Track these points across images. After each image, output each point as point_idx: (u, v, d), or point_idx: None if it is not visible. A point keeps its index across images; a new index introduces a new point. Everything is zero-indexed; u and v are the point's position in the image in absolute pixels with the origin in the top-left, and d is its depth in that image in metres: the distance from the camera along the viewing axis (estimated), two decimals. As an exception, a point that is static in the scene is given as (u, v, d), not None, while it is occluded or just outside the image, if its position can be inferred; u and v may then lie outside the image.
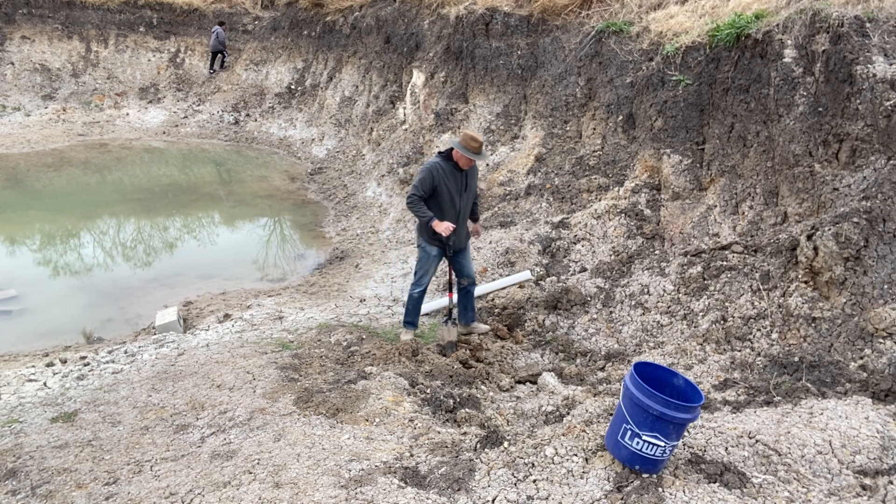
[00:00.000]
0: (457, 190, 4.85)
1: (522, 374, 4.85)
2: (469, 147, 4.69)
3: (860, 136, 4.52)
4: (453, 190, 4.83)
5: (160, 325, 5.75)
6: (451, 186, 4.81)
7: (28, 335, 5.95)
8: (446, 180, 4.79)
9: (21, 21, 15.89)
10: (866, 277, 3.96)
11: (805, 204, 4.83)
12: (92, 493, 3.08)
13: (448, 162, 4.82)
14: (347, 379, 4.31)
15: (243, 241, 9.09)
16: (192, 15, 17.36)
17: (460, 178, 4.86)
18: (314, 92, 14.52)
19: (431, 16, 10.99)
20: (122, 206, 9.94)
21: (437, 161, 4.83)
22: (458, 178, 4.85)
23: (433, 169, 4.78)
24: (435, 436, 3.50)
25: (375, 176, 10.07)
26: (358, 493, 2.81)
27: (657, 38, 6.89)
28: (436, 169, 4.78)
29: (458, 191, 4.86)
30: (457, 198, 4.86)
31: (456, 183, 4.84)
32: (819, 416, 3.08)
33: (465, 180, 4.89)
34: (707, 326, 4.65)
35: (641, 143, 6.71)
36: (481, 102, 9.05)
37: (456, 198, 4.86)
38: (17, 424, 3.86)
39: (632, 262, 5.77)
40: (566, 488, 2.70)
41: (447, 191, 4.80)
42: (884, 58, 4.64)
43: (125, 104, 15.57)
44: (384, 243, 8.05)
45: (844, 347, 3.85)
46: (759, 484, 2.66)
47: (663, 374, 2.88)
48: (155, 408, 3.98)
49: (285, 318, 5.88)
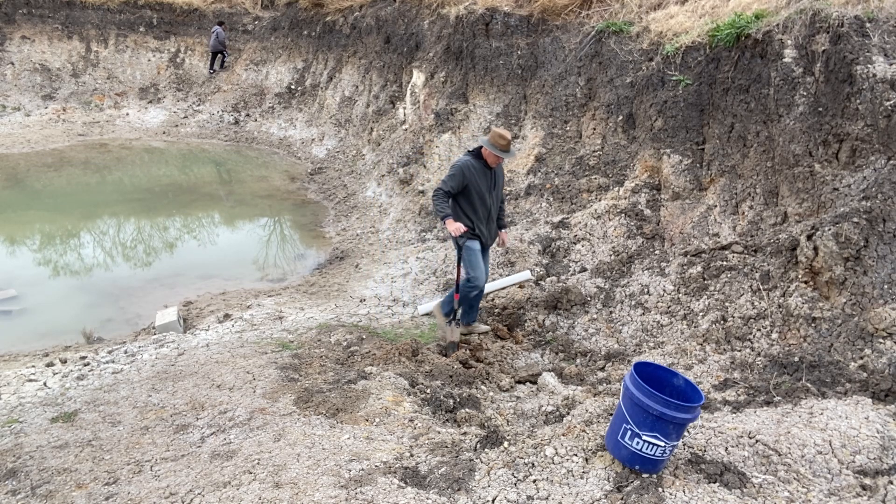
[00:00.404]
0: (487, 188, 4.93)
1: (522, 374, 4.85)
2: (497, 145, 4.76)
3: (860, 136, 4.52)
4: (483, 188, 4.90)
5: (160, 325, 5.75)
6: (481, 184, 4.88)
7: (28, 335, 5.95)
8: (476, 178, 4.86)
9: (21, 21, 15.89)
10: (866, 277, 3.96)
11: (805, 204, 4.83)
12: (92, 493, 3.08)
13: (478, 160, 4.89)
14: (347, 379, 4.32)
15: (243, 241, 9.09)
16: (192, 15, 17.36)
17: (489, 175, 4.94)
18: (314, 92, 14.52)
19: (431, 16, 10.99)
20: (122, 206, 9.94)
21: (468, 159, 4.89)
22: (487, 176, 4.93)
23: (464, 167, 4.83)
24: (435, 436, 3.50)
25: (375, 176, 10.06)
26: (358, 493, 2.81)
27: (657, 38, 6.89)
28: (466, 167, 4.83)
29: (487, 188, 4.94)
30: (487, 195, 4.94)
31: (486, 181, 4.92)
32: (819, 416, 3.08)
33: (494, 178, 4.98)
34: (707, 326, 4.65)
35: (641, 143, 6.71)
36: (481, 102, 9.05)
37: (486, 195, 4.94)
38: (17, 424, 3.86)
39: (632, 262, 5.77)
40: (566, 488, 2.70)
41: (477, 189, 4.87)
42: (884, 58, 4.64)
43: (125, 104, 15.57)
44: (384, 243, 8.05)
45: (844, 347, 3.85)
46: (759, 484, 2.66)
47: (663, 374, 2.88)
48: (155, 408, 3.98)
49: (285, 318, 5.88)
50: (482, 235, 5.04)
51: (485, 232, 5.04)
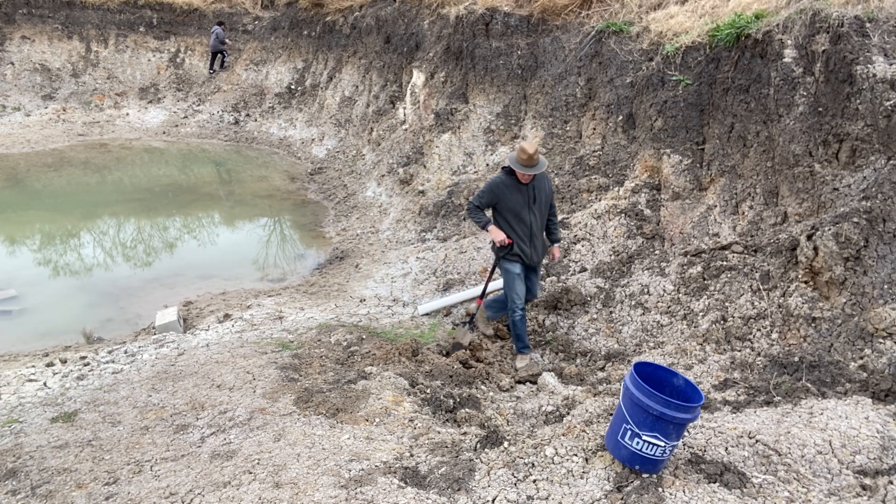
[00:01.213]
0: (523, 204, 4.70)
1: (522, 374, 4.85)
2: (519, 160, 4.54)
3: (860, 136, 4.52)
4: (518, 204, 4.69)
5: (160, 325, 5.75)
6: (515, 201, 4.68)
7: (28, 335, 5.95)
8: (509, 195, 4.68)
9: (21, 21, 15.89)
10: (866, 277, 3.96)
11: (805, 204, 4.83)
12: (92, 493, 3.08)
13: (510, 176, 4.71)
14: (347, 379, 4.32)
15: (243, 241, 9.09)
16: (192, 15, 17.36)
17: (526, 191, 4.70)
18: (314, 92, 14.52)
19: (431, 16, 10.99)
20: (122, 206, 9.94)
21: (499, 176, 4.75)
22: (523, 192, 4.70)
23: (493, 185, 4.72)
24: (435, 436, 3.50)
25: (375, 176, 10.06)
26: (358, 493, 2.81)
27: (657, 38, 6.89)
28: (496, 185, 4.70)
29: (524, 205, 4.70)
30: (524, 212, 4.71)
31: (522, 197, 4.69)
32: (819, 416, 3.08)
33: (532, 193, 4.72)
34: (707, 326, 4.65)
35: (641, 143, 6.71)
36: (481, 102, 9.05)
37: (524, 212, 4.71)
38: (17, 424, 3.86)
39: (632, 262, 5.77)
40: (566, 488, 2.70)
41: (512, 206, 4.69)
42: (884, 58, 4.64)
43: (125, 104, 15.57)
44: (384, 243, 8.05)
45: (844, 347, 3.85)
46: (759, 484, 2.66)
47: (663, 374, 2.88)
48: (155, 408, 3.98)
49: (285, 318, 5.88)
50: (523, 255, 4.79)
51: (527, 251, 4.78)
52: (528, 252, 4.78)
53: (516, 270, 4.82)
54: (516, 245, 4.77)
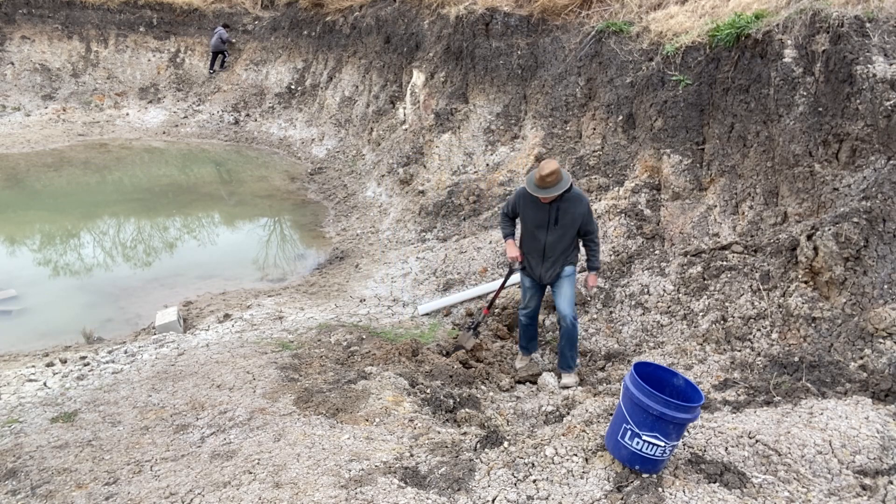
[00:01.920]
0: (539, 223, 4.44)
1: (522, 374, 4.85)
2: (534, 181, 4.26)
3: (860, 136, 4.52)
4: (534, 222, 4.46)
5: (160, 325, 5.75)
6: (532, 218, 4.46)
7: (28, 335, 5.95)
8: (527, 210, 4.49)
9: (21, 21, 15.88)
10: (866, 277, 3.96)
11: (805, 204, 4.83)
12: (92, 493, 3.08)
13: None
14: (347, 379, 4.31)
15: (243, 241, 9.09)
16: (192, 15, 17.34)
17: (545, 210, 4.39)
18: (314, 92, 14.52)
19: (431, 16, 10.99)
20: (122, 206, 9.94)
21: (523, 188, 4.53)
22: (542, 210, 4.40)
23: (516, 196, 4.59)
24: (435, 436, 3.50)
25: (375, 176, 10.07)
26: (358, 493, 2.80)
27: (657, 38, 6.89)
28: (519, 195, 4.56)
29: (540, 225, 4.44)
30: (539, 232, 4.46)
31: (539, 215, 4.42)
32: (819, 416, 3.08)
33: (553, 215, 4.39)
34: (707, 326, 4.65)
35: (641, 143, 6.71)
36: (481, 102, 9.05)
37: (538, 232, 4.47)
38: (17, 424, 3.86)
39: (632, 262, 5.77)
40: (566, 488, 2.70)
41: (529, 222, 4.51)
42: (884, 58, 4.64)
43: (125, 104, 15.57)
44: (384, 243, 8.05)
45: (844, 347, 3.85)
46: (759, 484, 2.66)
47: (663, 374, 2.88)
48: (155, 408, 3.98)
49: (285, 318, 5.88)
50: (531, 272, 4.65)
51: (534, 268, 4.61)
52: (534, 269, 4.63)
53: (526, 283, 4.78)
54: (526, 260, 4.67)
